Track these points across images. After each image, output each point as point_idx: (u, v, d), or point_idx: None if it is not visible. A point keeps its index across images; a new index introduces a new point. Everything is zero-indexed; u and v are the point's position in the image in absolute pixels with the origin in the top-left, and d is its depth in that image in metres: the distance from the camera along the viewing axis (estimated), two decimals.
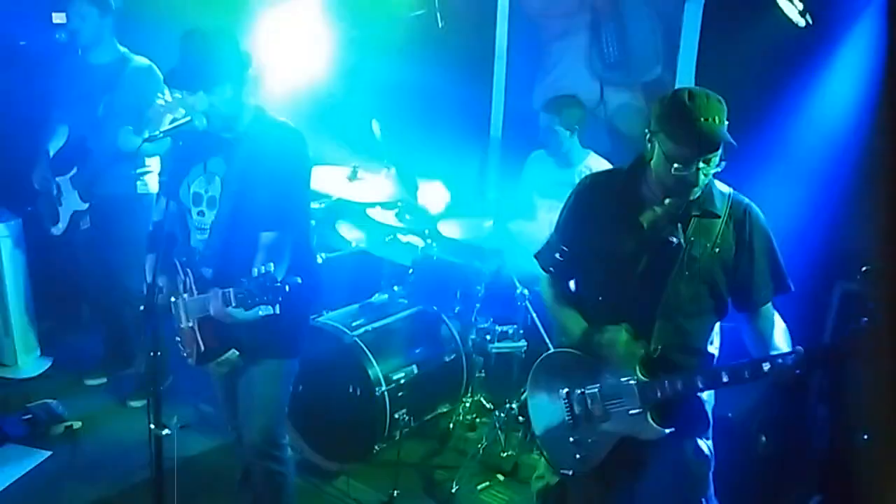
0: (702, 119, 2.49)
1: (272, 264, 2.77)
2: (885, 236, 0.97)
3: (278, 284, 2.70)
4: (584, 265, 2.93)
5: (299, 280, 2.78)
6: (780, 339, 2.69)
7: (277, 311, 2.74)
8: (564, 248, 2.92)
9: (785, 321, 2.78)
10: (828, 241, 3.93)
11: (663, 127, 2.57)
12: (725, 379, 2.59)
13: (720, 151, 2.54)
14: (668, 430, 2.70)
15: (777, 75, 4.11)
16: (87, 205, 4.65)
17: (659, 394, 2.67)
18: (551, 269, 2.99)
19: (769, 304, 2.76)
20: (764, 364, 2.51)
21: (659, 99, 2.67)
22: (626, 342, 2.72)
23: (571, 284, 3.04)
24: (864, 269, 3.64)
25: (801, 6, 3.81)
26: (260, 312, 2.74)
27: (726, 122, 2.54)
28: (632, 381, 2.72)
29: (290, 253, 3.08)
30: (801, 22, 3.85)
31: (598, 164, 4.53)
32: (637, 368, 2.71)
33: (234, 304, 2.79)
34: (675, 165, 2.53)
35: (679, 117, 2.52)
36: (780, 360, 2.49)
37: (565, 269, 2.99)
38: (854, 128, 3.84)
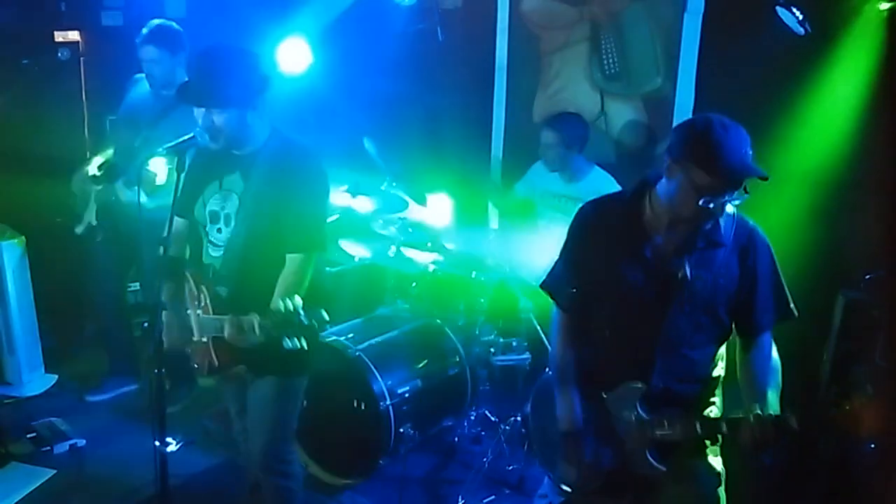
0: (739, 151, 2.41)
1: (297, 297, 2.71)
2: (889, 244, 0.98)
3: (307, 323, 2.66)
4: (588, 296, 2.82)
5: (324, 312, 2.75)
6: (773, 383, 2.61)
7: (304, 346, 2.69)
8: (571, 278, 2.83)
9: (789, 332, 2.76)
10: (831, 249, 3.93)
11: (695, 157, 2.44)
12: (725, 430, 2.54)
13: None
14: (664, 468, 2.65)
15: (777, 84, 4.12)
16: (97, 222, 4.71)
17: (658, 434, 2.63)
18: (564, 303, 2.88)
19: (767, 333, 2.70)
20: (764, 422, 2.41)
21: (688, 126, 2.55)
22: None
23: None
24: (867, 276, 3.65)
25: (800, 15, 3.83)
26: (286, 346, 2.69)
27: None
28: (631, 418, 2.67)
29: (311, 274, 3.08)
30: (801, 30, 3.86)
31: (604, 178, 4.54)
32: (637, 405, 2.66)
33: (258, 334, 2.77)
34: (706, 198, 2.43)
35: (717, 149, 2.40)
36: (777, 422, 2.41)
37: (573, 301, 2.87)
38: (855, 135, 3.85)
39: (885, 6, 3.67)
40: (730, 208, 2.62)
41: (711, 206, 2.45)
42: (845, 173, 3.90)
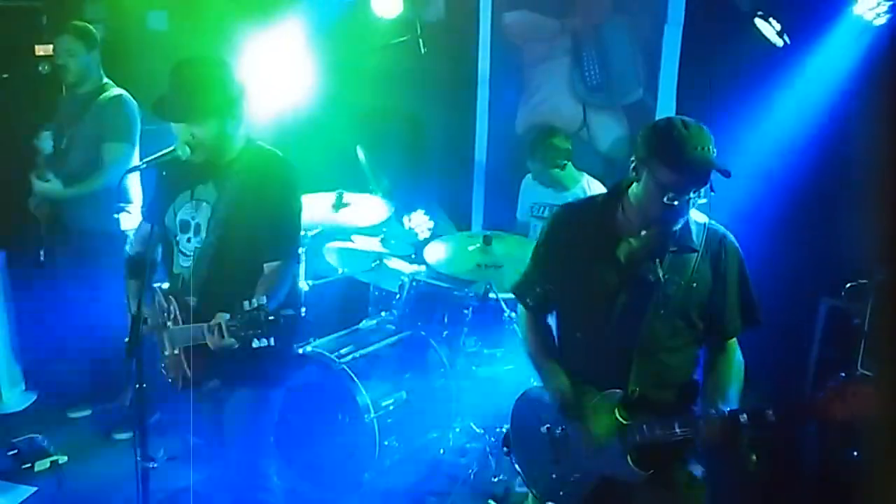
0: (700, 147, 2.46)
1: (265, 297, 2.74)
2: (870, 253, 0.98)
3: (272, 318, 2.67)
4: (562, 301, 2.87)
5: (292, 312, 2.75)
6: (735, 387, 2.63)
7: (272, 344, 2.70)
8: (543, 282, 2.87)
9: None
10: (811, 258, 3.96)
11: (658, 154, 2.50)
12: (703, 427, 2.54)
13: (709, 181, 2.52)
14: (646, 474, 2.64)
15: (757, 94, 4.16)
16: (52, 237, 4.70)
17: (637, 437, 2.63)
18: (530, 302, 2.93)
19: (734, 339, 2.73)
20: (741, 416, 2.44)
21: (650, 127, 2.62)
22: (601, 419, 2.68)
23: (550, 320, 2.97)
24: (848, 285, 3.68)
25: (778, 26, 3.87)
26: (254, 345, 2.70)
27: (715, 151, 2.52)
28: (611, 423, 2.66)
29: (289, 283, 3.09)
30: (779, 42, 3.90)
31: (595, 184, 4.56)
32: (616, 410, 2.65)
33: (226, 336, 2.76)
34: (669, 195, 2.48)
35: (678, 145, 2.46)
36: (760, 415, 2.43)
37: (545, 305, 2.93)
38: (836, 145, 3.88)
39: (865, 18, 3.70)
40: (701, 217, 2.67)
41: (677, 203, 2.49)
42: (825, 182, 3.93)
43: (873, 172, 0.95)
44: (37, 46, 5.50)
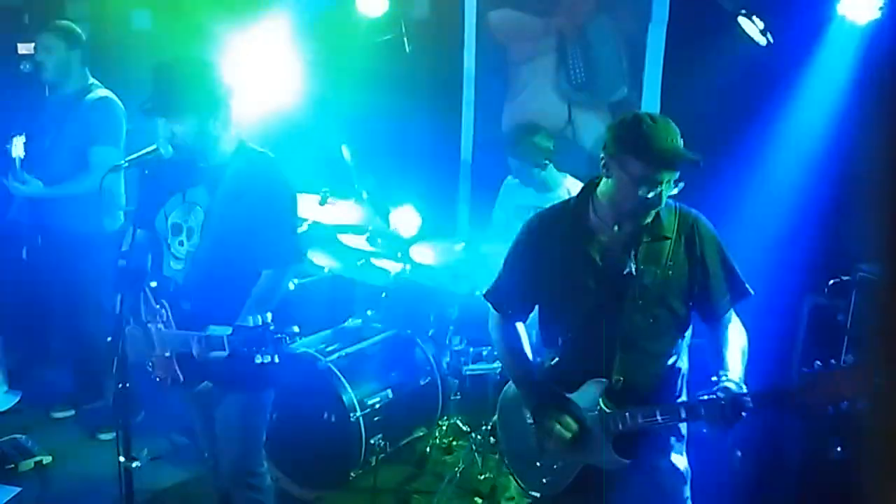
0: (668, 139, 2.51)
1: (269, 313, 2.70)
2: (853, 249, 0.99)
3: (278, 336, 2.64)
4: (542, 303, 2.90)
5: (297, 330, 2.73)
6: (736, 352, 2.65)
7: (277, 361, 2.68)
8: (519, 288, 2.90)
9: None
10: (795, 255, 3.98)
11: (628, 148, 2.54)
12: (684, 415, 2.60)
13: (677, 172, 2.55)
14: (628, 462, 2.68)
15: (741, 93, 4.17)
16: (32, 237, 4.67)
17: (620, 426, 2.65)
18: (507, 309, 2.96)
19: (731, 313, 2.76)
20: (721, 400, 2.45)
21: (617, 123, 2.65)
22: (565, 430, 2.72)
23: (519, 326, 2.99)
24: (831, 282, 3.71)
25: (761, 25, 3.88)
26: (257, 360, 2.67)
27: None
28: (594, 412, 2.70)
29: (283, 289, 3.09)
30: (763, 40, 3.91)
31: (576, 186, 4.55)
32: (600, 400, 2.69)
33: (227, 351, 2.73)
34: (643, 188, 2.52)
35: (647, 138, 2.51)
36: (735, 401, 2.44)
37: (519, 310, 2.96)
38: (819, 142, 3.91)
39: (849, 17, 3.72)
40: (669, 202, 2.68)
41: (651, 195, 2.53)
42: (809, 180, 3.95)
43: (858, 169, 0.96)
44: (19, 45, 5.46)
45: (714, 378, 2.56)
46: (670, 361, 2.79)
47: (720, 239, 2.73)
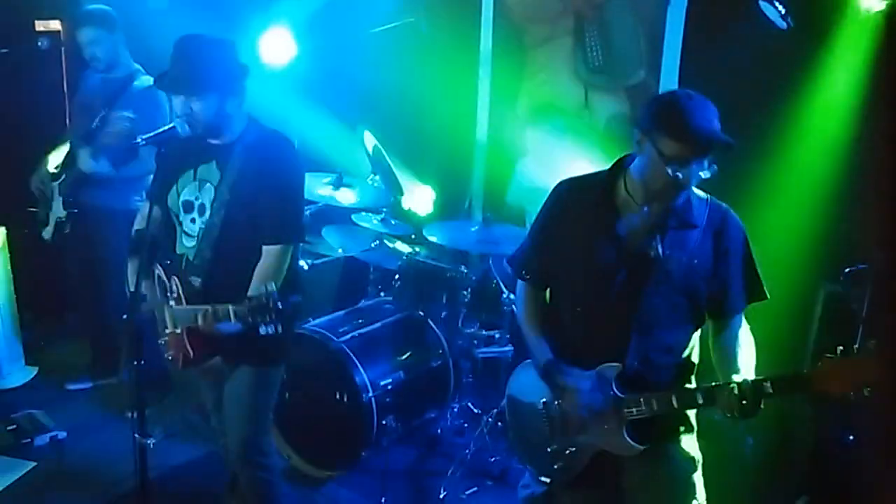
0: (704, 119, 2.46)
1: (273, 283, 2.73)
2: (869, 238, 0.98)
3: (280, 305, 2.67)
4: (560, 274, 2.85)
5: (299, 299, 2.75)
6: (746, 357, 2.61)
7: (280, 331, 2.70)
8: (541, 254, 2.87)
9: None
10: (811, 243, 3.95)
11: (662, 125, 2.49)
12: (700, 401, 2.55)
13: (711, 155, 2.50)
14: (642, 447, 2.66)
15: (760, 77, 4.13)
16: (65, 213, 4.70)
17: (634, 411, 2.63)
18: (527, 275, 2.93)
19: (740, 315, 2.72)
20: (736, 387, 2.42)
21: (654, 98, 2.62)
22: (587, 392, 2.69)
23: (547, 294, 2.96)
24: (847, 270, 3.68)
25: (782, 9, 3.84)
26: (261, 331, 2.69)
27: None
28: (609, 395, 2.67)
29: (290, 265, 3.10)
30: (783, 24, 3.87)
31: (589, 170, 4.53)
32: (613, 384, 2.66)
33: (233, 321, 2.75)
34: (673, 166, 2.47)
35: (681, 114, 2.45)
36: (754, 387, 2.41)
37: (542, 277, 2.92)
38: (839, 129, 3.86)
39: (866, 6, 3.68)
40: (703, 194, 2.66)
41: (681, 175, 2.48)
42: (828, 167, 3.92)
43: (875, 157, 0.95)
44: (36, 22, 5.47)
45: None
46: (683, 351, 2.76)
47: (747, 238, 2.69)
